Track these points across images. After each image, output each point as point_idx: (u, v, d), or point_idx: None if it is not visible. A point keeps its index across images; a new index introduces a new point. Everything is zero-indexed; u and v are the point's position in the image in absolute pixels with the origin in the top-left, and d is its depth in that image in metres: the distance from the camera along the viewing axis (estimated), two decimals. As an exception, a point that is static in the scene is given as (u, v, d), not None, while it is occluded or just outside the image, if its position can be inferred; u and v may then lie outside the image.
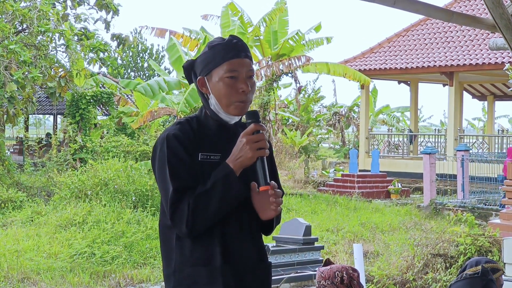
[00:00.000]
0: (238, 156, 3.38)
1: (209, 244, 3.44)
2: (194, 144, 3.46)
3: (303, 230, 12.20)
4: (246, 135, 3.38)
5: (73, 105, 25.81)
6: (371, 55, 31.90)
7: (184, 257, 3.45)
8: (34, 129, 58.39)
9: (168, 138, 3.44)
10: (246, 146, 3.36)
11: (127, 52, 58.79)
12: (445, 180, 24.07)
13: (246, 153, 3.37)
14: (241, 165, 3.39)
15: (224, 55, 3.51)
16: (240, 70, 3.50)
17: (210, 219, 3.38)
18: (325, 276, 4.28)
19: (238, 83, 3.49)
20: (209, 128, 3.54)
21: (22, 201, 18.47)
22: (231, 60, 3.50)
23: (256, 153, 3.37)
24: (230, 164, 3.39)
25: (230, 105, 3.50)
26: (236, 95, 3.49)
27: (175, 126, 3.51)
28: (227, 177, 3.38)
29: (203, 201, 3.35)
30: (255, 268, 3.55)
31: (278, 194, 3.44)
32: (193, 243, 3.44)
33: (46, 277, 12.07)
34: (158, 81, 22.99)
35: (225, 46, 3.53)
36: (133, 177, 17.36)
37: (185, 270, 3.45)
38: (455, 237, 12.11)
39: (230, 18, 27.03)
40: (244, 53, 3.54)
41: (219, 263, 3.43)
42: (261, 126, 3.41)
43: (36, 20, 20.32)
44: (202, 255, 3.44)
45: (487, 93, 37.21)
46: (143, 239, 14.32)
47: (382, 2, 5.50)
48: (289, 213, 19.47)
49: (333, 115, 45.42)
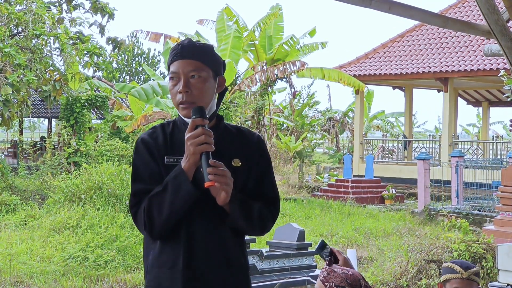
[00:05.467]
0: (186, 155, 3.37)
1: (175, 247, 3.44)
2: (162, 148, 3.49)
3: (296, 235, 12.17)
4: (187, 132, 3.37)
5: (68, 108, 25.79)
6: (365, 60, 31.91)
7: (154, 259, 3.48)
8: (29, 133, 58.32)
9: (137, 143, 3.53)
10: (187, 143, 3.34)
11: (122, 56, 58.75)
12: (439, 186, 24.07)
13: (188, 150, 3.35)
14: (190, 164, 3.36)
15: (170, 58, 3.55)
16: (179, 71, 3.50)
17: (166, 221, 3.37)
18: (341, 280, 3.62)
19: (177, 85, 3.50)
20: (182, 132, 3.52)
21: (15, 205, 18.43)
22: (173, 62, 3.53)
23: (197, 148, 3.32)
24: (182, 164, 3.38)
25: (177, 106, 3.54)
26: (177, 97, 3.51)
27: (148, 131, 3.58)
28: (177, 177, 3.37)
29: (155, 203, 3.37)
30: (221, 272, 3.50)
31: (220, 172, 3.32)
32: (162, 245, 3.47)
33: (39, 280, 12.04)
34: (152, 85, 23.00)
35: (171, 50, 3.59)
36: (127, 181, 17.31)
37: (153, 271, 3.48)
38: (449, 243, 12.11)
39: (226, 23, 27.06)
40: (189, 54, 3.51)
41: (181, 266, 3.42)
42: (199, 121, 3.36)
43: (31, 24, 20.29)
44: (168, 257, 3.45)
45: (482, 99, 37.24)
46: (137, 243, 14.29)
47: (377, 8, 5.50)
48: (283, 218, 19.46)
49: (328, 120, 45.46)
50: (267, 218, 3.63)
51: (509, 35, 5.75)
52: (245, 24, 28.61)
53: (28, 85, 19.91)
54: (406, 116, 34.94)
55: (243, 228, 3.56)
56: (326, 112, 47.22)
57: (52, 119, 38.09)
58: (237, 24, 27.54)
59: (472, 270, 4.62)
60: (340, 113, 46.55)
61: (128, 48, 26.16)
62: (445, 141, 29.27)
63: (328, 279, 3.64)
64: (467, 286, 4.58)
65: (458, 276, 4.59)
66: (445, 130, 29.54)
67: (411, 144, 33.53)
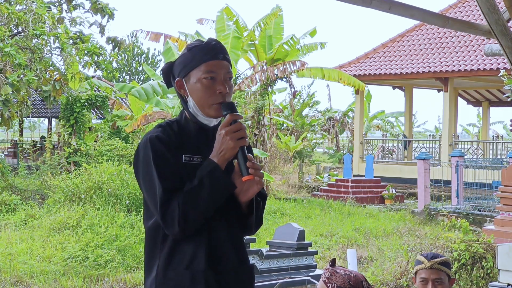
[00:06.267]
0: (221, 150, 3.36)
1: (195, 247, 3.40)
2: (176, 146, 3.44)
3: (296, 235, 12.17)
4: (224, 126, 3.36)
5: (68, 108, 25.78)
6: (365, 60, 31.90)
7: (168, 260, 3.41)
8: (29, 132, 58.32)
9: (152, 141, 3.41)
10: (227, 137, 3.33)
11: (122, 56, 58.75)
12: (439, 186, 24.07)
13: (227, 145, 3.34)
14: (225, 158, 3.37)
15: (202, 56, 3.49)
16: (218, 71, 3.48)
17: (201, 217, 3.34)
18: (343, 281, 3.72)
19: (215, 85, 3.47)
20: (189, 131, 3.52)
21: (16, 204, 18.44)
22: (209, 61, 3.48)
23: (237, 143, 3.34)
24: (214, 159, 3.36)
25: (208, 106, 3.48)
26: (214, 97, 3.47)
27: (157, 129, 3.49)
28: (213, 172, 3.35)
29: (192, 199, 3.31)
30: (237, 271, 3.51)
31: (258, 166, 3.40)
32: (178, 246, 3.40)
33: (39, 280, 12.05)
34: (152, 85, 22.98)
35: (203, 48, 3.53)
36: (127, 181, 17.33)
37: (168, 273, 3.41)
38: (449, 243, 12.10)
39: (225, 22, 27.01)
40: (222, 55, 3.52)
41: (203, 266, 3.39)
42: (238, 116, 3.38)
43: (31, 23, 20.28)
44: (186, 258, 3.40)
45: (482, 99, 37.24)
46: (137, 243, 14.29)
47: (378, 8, 5.50)
48: (283, 218, 19.46)
49: (328, 120, 45.44)
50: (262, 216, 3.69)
51: (509, 34, 5.75)
52: (245, 24, 28.57)
53: (28, 85, 19.90)
54: (406, 116, 34.93)
55: (252, 225, 3.59)
56: (326, 112, 47.19)
57: (52, 119, 38.08)
58: (237, 24, 27.51)
59: (436, 259, 4.70)
60: (340, 113, 46.53)
61: (128, 47, 26.14)
62: (445, 141, 29.26)
63: (331, 280, 3.65)
64: (432, 275, 4.67)
65: (423, 267, 4.71)
66: (445, 130, 29.54)
67: (411, 144, 33.53)
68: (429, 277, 4.68)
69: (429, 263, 4.69)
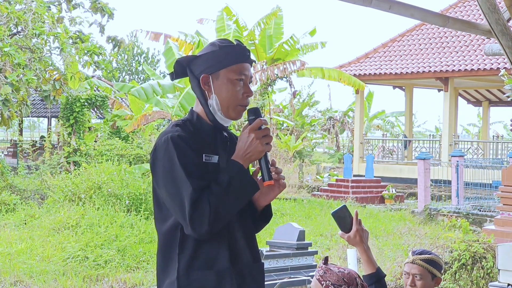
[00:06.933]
0: (247, 152, 3.38)
1: (217, 246, 3.41)
2: (196, 145, 3.43)
3: (296, 235, 12.16)
4: (253, 130, 3.38)
5: (67, 108, 25.78)
6: (366, 60, 31.89)
7: (190, 262, 3.39)
8: (28, 132, 58.33)
9: (174, 139, 3.38)
10: (256, 141, 3.37)
11: (122, 56, 58.74)
12: (439, 185, 24.06)
13: (256, 148, 3.37)
14: (250, 161, 3.41)
15: (236, 57, 3.51)
16: (247, 74, 3.53)
17: (229, 217, 3.37)
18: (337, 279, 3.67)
19: (244, 87, 3.50)
20: (203, 131, 3.51)
21: (15, 204, 18.43)
22: (243, 63, 3.52)
23: (265, 147, 3.39)
24: (239, 160, 3.39)
25: (233, 108, 3.50)
26: (241, 99, 3.50)
27: (175, 128, 3.45)
28: (240, 173, 3.37)
29: (223, 199, 3.31)
30: (252, 269, 3.54)
31: (280, 170, 3.51)
32: (199, 246, 3.39)
33: (39, 280, 12.03)
34: (152, 85, 22.96)
35: (236, 48, 3.54)
36: (126, 181, 17.32)
37: (191, 274, 3.39)
38: (450, 243, 12.10)
39: (225, 22, 27.03)
40: (250, 58, 3.58)
41: (227, 265, 3.40)
42: (266, 121, 3.42)
43: (31, 23, 20.27)
44: (210, 258, 3.40)
45: (482, 98, 37.23)
46: (136, 243, 14.28)
47: (378, 7, 5.49)
48: (283, 218, 19.45)
49: (328, 120, 45.42)
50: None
51: (509, 34, 5.73)
52: (245, 23, 28.60)
53: (28, 85, 19.89)
54: (406, 115, 34.92)
55: (262, 225, 3.69)
56: (326, 111, 47.17)
57: (51, 119, 38.07)
58: (237, 23, 27.52)
59: (420, 256, 4.75)
60: (340, 113, 46.51)
61: (128, 47, 26.16)
62: (445, 140, 29.26)
63: (325, 278, 3.64)
64: (413, 269, 4.72)
65: (407, 261, 4.81)
66: (445, 130, 29.53)
67: (411, 143, 33.52)
68: (410, 271, 4.74)
69: (412, 258, 4.75)
